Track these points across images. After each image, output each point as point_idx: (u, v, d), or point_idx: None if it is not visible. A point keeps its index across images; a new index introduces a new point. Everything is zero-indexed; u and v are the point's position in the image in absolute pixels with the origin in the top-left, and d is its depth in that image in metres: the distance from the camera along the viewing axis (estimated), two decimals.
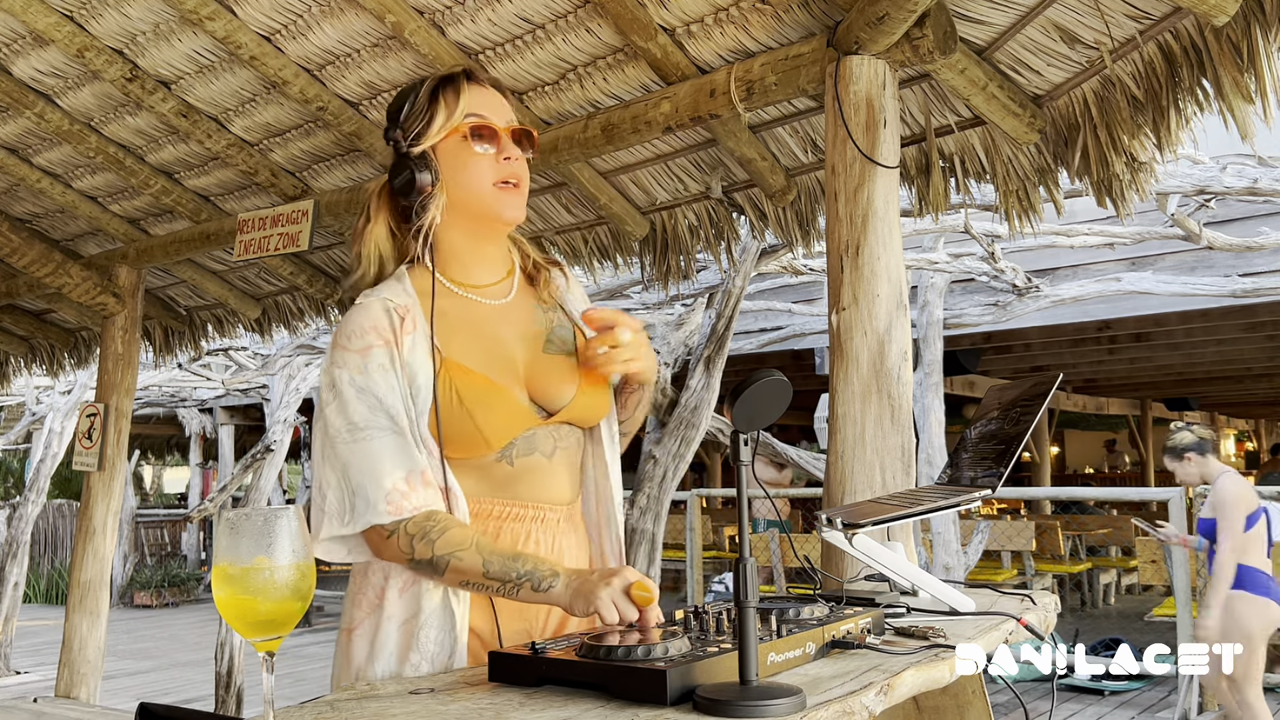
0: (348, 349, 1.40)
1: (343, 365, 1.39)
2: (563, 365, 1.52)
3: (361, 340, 1.40)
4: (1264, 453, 20.75)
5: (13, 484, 16.98)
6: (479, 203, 1.48)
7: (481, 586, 1.34)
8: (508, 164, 1.49)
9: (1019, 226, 2.51)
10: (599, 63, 2.53)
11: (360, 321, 1.42)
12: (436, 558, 1.33)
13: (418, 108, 1.49)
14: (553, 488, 1.49)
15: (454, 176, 1.48)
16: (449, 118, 1.47)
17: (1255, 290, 6.49)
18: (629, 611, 1.25)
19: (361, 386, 1.38)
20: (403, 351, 1.41)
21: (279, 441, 7.25)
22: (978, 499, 1.49)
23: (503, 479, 1.45)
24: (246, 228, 3.40)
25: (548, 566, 1.32)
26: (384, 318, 1.42)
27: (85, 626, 3.98)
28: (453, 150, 1.48)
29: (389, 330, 1.41)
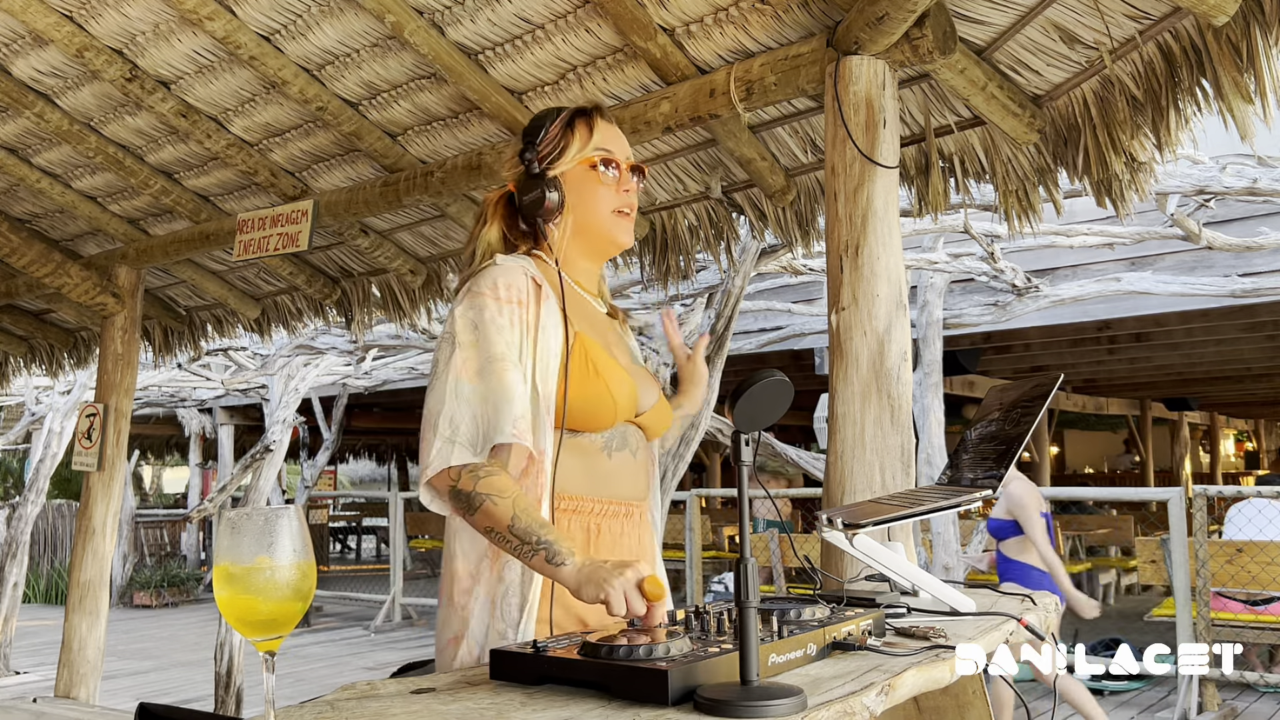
0: (488, 295, 1.48)
1: (483, 308, 1.47)
2: (647, 375, 1.67)
3: (504, 292, 1.48)
4: (1264, 453, 20.76)
5: (12, 484, 16.98)
6: (599, 226, 1.62)
7: (502, 539, 1.37)
8: (626, 195, 1.64)
9: (1018, 226, 2.51)
10: (599, 63, 2.53)
11: (504, 277, 1.50)
12: (475, 493, 1.37)
13: (552, 134, 1.61)
14: (639, 485, 1.60)
15: (579, 201, 1.61)
16: (582, 148, 1.61)
17: (1255, 290, 6.49)
18: (638, 604, 1.26)
19: (501, 326, 1.46)
20: (540, 317, 1.49)
21: (278, 441, 7.25)
22: (978, 499, 1.50)
23: (602, 474, 1.53)
24: (246, 228, 3.40)
25: (568, 545, 1.34)
26: (523, 280, 1.51)
27: (85, 626, 3.98)
28: (580, 178, 1.61)
29: (525, 293, 1.50)
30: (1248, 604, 5.82)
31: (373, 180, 3.21)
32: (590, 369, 1.50)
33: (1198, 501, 5.78)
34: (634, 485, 1.59)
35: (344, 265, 3.94)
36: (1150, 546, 6.45)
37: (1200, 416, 17.96)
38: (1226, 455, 20.30)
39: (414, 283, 3.74)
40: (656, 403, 1.63)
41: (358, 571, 14.91)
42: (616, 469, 1.55)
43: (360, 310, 3.99)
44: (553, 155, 1.60)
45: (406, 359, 9.66)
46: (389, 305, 3.88)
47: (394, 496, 11.34)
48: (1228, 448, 20.72)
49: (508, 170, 1.65)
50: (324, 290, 4.01)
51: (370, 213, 3.28)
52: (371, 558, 17.62)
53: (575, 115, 1.63)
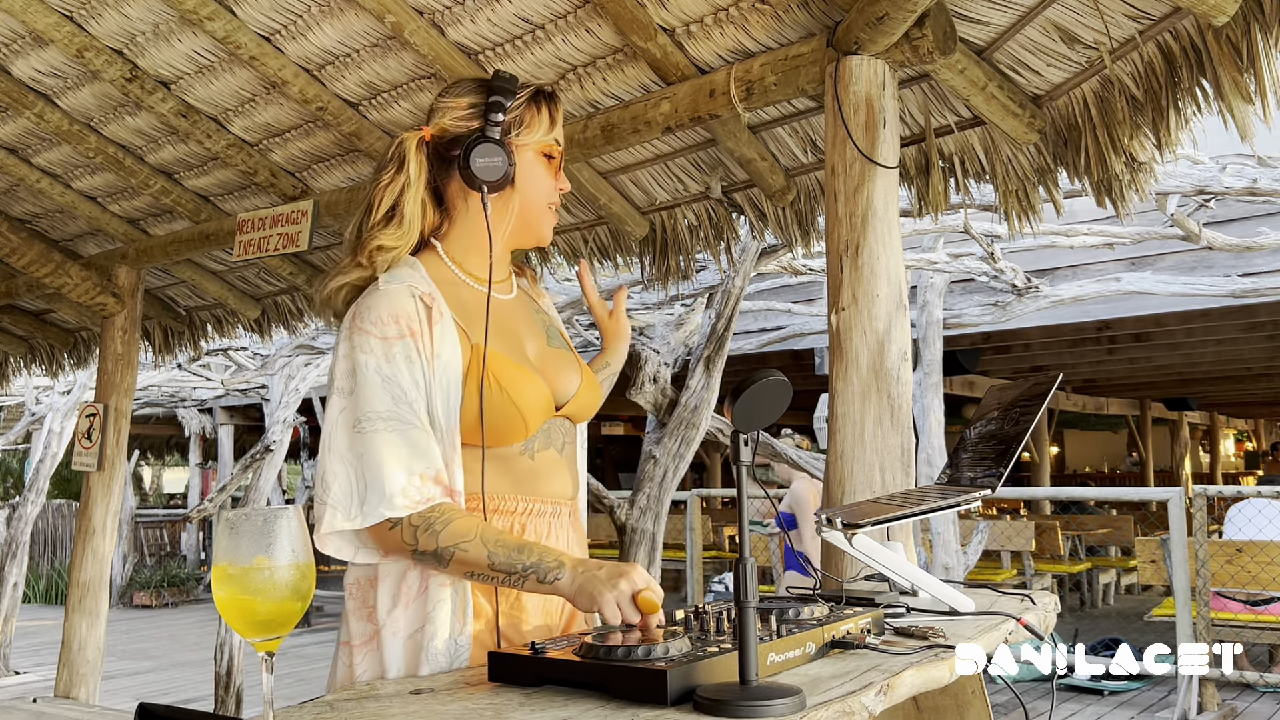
0: (371, 335, 1.35)
1: (367, 351, 1.35)
2: (565, 359, 1.56)
3: (389, 328, 1.36)
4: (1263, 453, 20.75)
5: (12, 484, 16.98)
6: (533, 215, 1.53)
7: (487, 578, 1.32)
8: (559, 192, 1.56)
9: (1018, 226, 2.51)
10: (599, 63, 2.53)
11: (387, 308, 1.37)
12: (441, 549, 1.30)
13: (518, 105, 1.49)
14: (565, 482, 1.52)
15: (523, 185, 1.51)
16: (546, 132, 1.51)
17: (1255, 290, 6.49)
18: (632, 616, 1.24)
19: (387, 375, 1.33)
20: (431, 343, 1.37)
21: (278, 442, 7.25)
22: (977, 499, 1.50)
23: (524, 475, 1.45)
24: (246, 228, 3.40)
25: (553, 557, 1.31)
26: (411, 305, 1.38)
27: (85, 626, 3.98)
28: (530, 161, 1.51)
29: (416, 320, 1.37)
30: (1248, 604, 5.82)
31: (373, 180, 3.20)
32: (494, 387, 1.39)
33: (1198, 501, 5.78)
34: (560, 483, 1.51)
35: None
36: (1150, 546, 6.45)
37: (1200, 416, 17.96)
38: (1226, 455, 20.30)
39: None
40: (580, 387, 1.54)
41: None
42: (540, 468, 1.47)
43: None
44: (516, 126, 1.49)
45: None
46: None
47: None
48: (1228, 448, 20.72)
49: (452, 118, 1.48)
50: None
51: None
52: None
53: (541, 94, 1.53)
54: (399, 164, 1.48)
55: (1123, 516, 10.10)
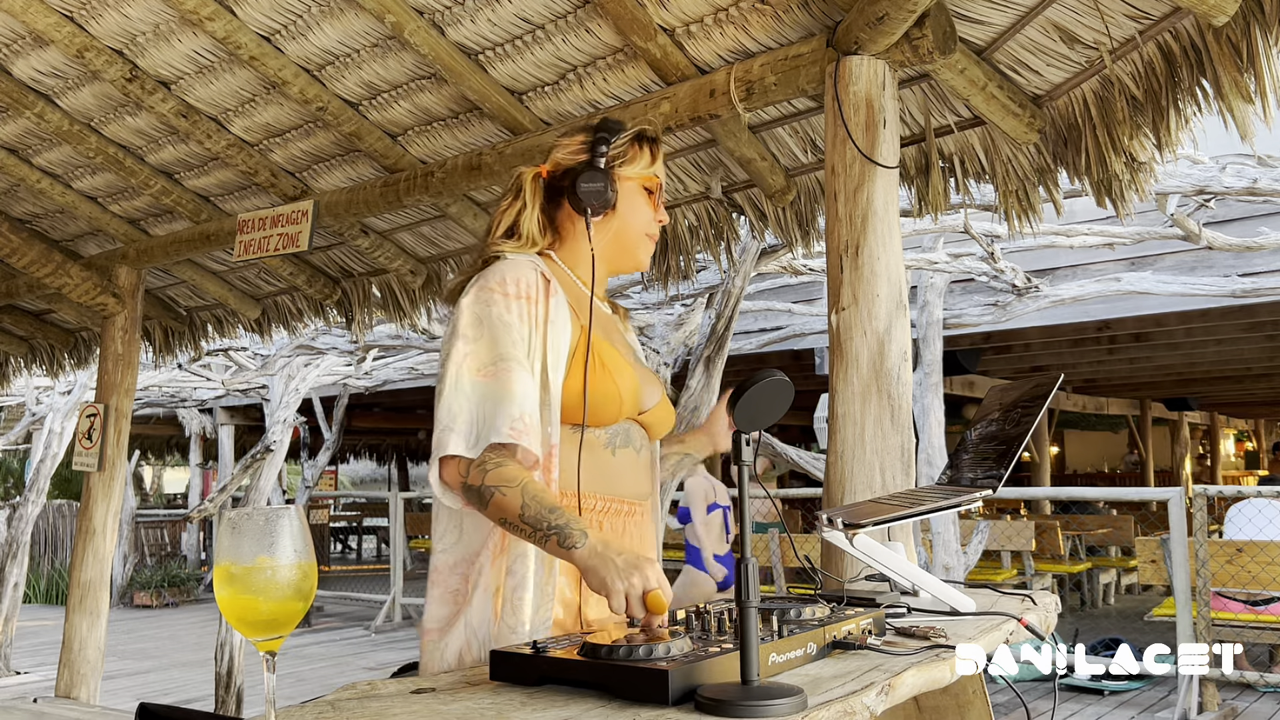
0: (497, 291, 1.49)
1: (491, 304, 1.48)
2: (649, 374, 1.69)
3: (512, 288, 1.49)
4: (1264, 453, 20.75)
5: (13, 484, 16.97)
6: (630, 241, 1.67)
7: (516, 528, 1.38)
8: (658, 223, 1.69)
9: (1018, 226, 2.51)
10: (599, 63, 2.53)
11: (512, 272, 1.51)
12: (485, 486, 1.39)
13: (624, 141, 1.65)
14: (641, 483, 1.63)
15: (623, 211, 1.65)
16: (646, 166, 1.66)
17: (1255, 290, 6.48)
18: (637, 611, 1.26)
19: (508, 323, 1.47)
20: (549, 312, 1.51)
21: (279, 442, 7.25)
22: (978, 499, 1.50)
23: (606, 470, 1.55)
24: (246, 228, 3.40)
25: (579, 526, 1.35)
26: (533, 275, 1.52)
27: (85, 627, 3.98)
28: (631, 192, 1.65)
29: (535, 289, 1.51)
30: (1248, 604, 5.82)
31: (373, 180, 3.21)
32: (597, 363, 1.52)
33: (1198, 501, 5.78)
34: (637, 483, 1.61)
35: (344, 265, 3.94)
36: (1150, 546, 6.44)
37: (1200, 416, 17.95)
38: (1226, 455, 20.29)
39: (414, 283, 3.74)
40: (659, 402, 1.65)
41: (358, 571, 14.92)
42: (620, 466, 1.57)
43: (360, 310, 4.00)
44: (620, 159, 1.64)
45: (407, 359, 9.66)
46: (389, 305, 3.88)
47: (394, 497, 11.32)
48: (1228, 448, 20.71)
49: (565, 153, 1.66)
50: (324, 290, 4.01)
51: (370, 213, 3.28)
52: (372, 558, 17.62)
53: (645, 135, 1.68)
54: (516, 192, 1.65)
55: (1123, 516, 10.09)
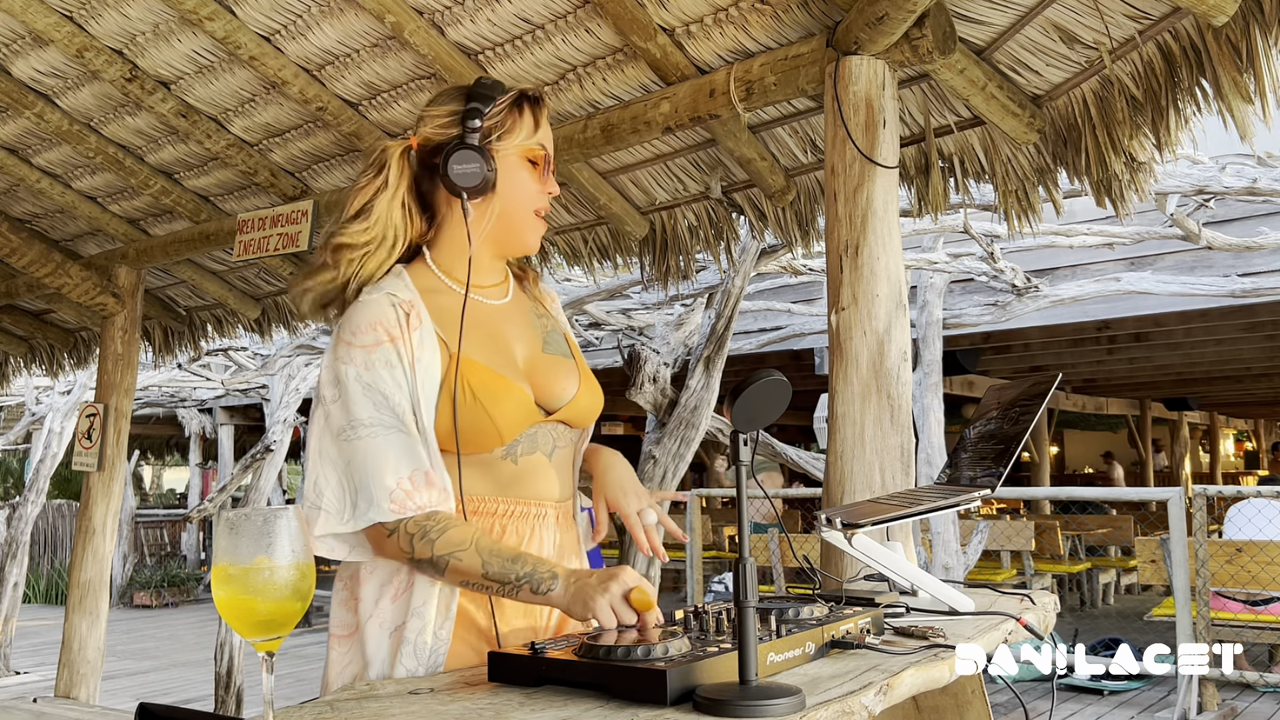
0: (353, 344, 1.38)
1: (348, 361, 1.37)
2: (562, 365, 1.54)
3: (368, 336, 1.38)
4: (1264, 453, 20.74)
5: (12, 484, 16.97)
6: (517, 221, 1.51)
7: (481, 587, 1.33)
8: (547, 196, 1.54)
9: (1018, 226, 2.51)
10: (599, 63, 2.53)
11: (366, 317, 1.39)
12: (437, 557, 1.32)
13: (498, 110, 1.49)
14: (552, 485, 1.50)
15: (505, 190, 1.49)
16: (529, 136, 1.50)
17: (1254, 290, 6.49)
18: (627, 617, 1.24)
19: (368, 383, 1.36)
20: (411, 348, 1.39)
21: (279, 441, 7.25)
22: (977, 499, 1.50)
23: (507, 478, 1.45)
24: (246, 228, 3.40)
25: (546, 568, 1.31)
26: (390, 313, 1.40)
27: (85, 627, 3.98)
28: (512, 166, 1.49)
29: (396, 326, 1.39)
30: (1248, 604, 5.82)
31: None
32: (468, 395, 1.39)
33: (1197, 501, 5.78)
34: (546, 485, 1.49)
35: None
36: (1150, 546, 6.44)
37: (1200, 416, 17.95)
38: (1226, 455, 20.29)
39: None
40: (576, 394, 1.52)
41: None
42: (524, 471, 1.46)
43: None
44: (497, 131, 1.48)
45: None
46: None
47: None
48: (1228, 448, 20.71)
49: (433, 126, 1.49)
50: None
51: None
52: None
53: (525, 97, 1.52)
54: (378, 169, 1.49)
55: (1123, 516, 10.09)
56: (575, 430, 1.56)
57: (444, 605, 1.39)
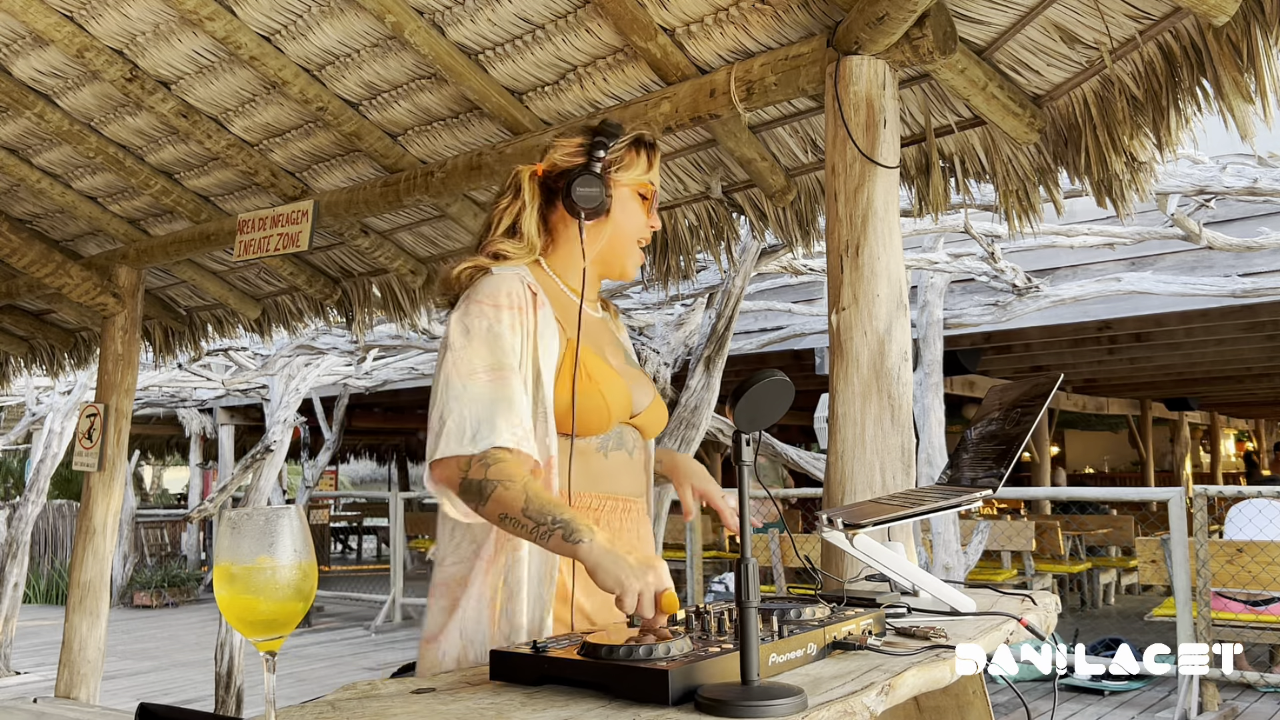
0: (484, 304, 1.50)
1: (480, 316, 1.49)
2: (641, 377, 1.70)
3: (501, 299, 1.50)
4: (1264, 453, 20.74)
5: (13, 484, 16.97)
6: (621, 247, 1.68)
7: (516, 523, 1.36)
8: (650, 229, 1.70)
9: (1019, 226, 2.51)
10: (599, 63, 2.53)
11: (498, 285, 1.52)
12: (486, 480, 1.38)
13: (621, 146, 1.65)
14: (635, 482, 1.64)
15: (617, 217, 1.65)
16: (643, 173, 1.67)
17: (1255, 290, 6.48)
18: (648, 611, 1.25)
19: (497, 334, 1.47)
20: (538, 324, 1.52)
21: (279, 442, 7.25)
22: (978, 499, 1.50)
23: (599, 471, 1.56)
24: (246, 228, 3.40)
25: (587, 524, 1.34)
26: (519, 287, 1.53)
27: (85, 627, 3.98)
28: (625, 198, 1.66)
29: (523, 299, 1.52)
30: (1248, 604, 5.81)
31: (373, 180, 3.21)
32: (585, 375, 1.53)
33: (1198, 501, 5.78)
34: (631, 482, 1.62)
35: (344, 265, 3.94)
36: (1150, 546, 6.44)
37: (1200, 416, 17.95)
38: (1227, 455, 20.29)
39: (414, 283, 3.74)
40: (651, 404, 1.66)
41: (358, 571, 14.91)
42: (613, 467, 1.59)
43: (361, 310, 4.00)
44: (616, 165, 1.64)
45: (407, 359, 9.66)
46: (389, 305, 3.88)
47: (394, 497, 11.32)
48: (1228, 448, 20.71)
49: (562, 154, 1.65)
50: (324, 290, 4.01)
51: (370, 213, 3.28)
52: (372, 558, 17.62)
53: (642, 140, 1.68)
54: (515, 191, 1.65)
55: (1123, 516, 10.09)
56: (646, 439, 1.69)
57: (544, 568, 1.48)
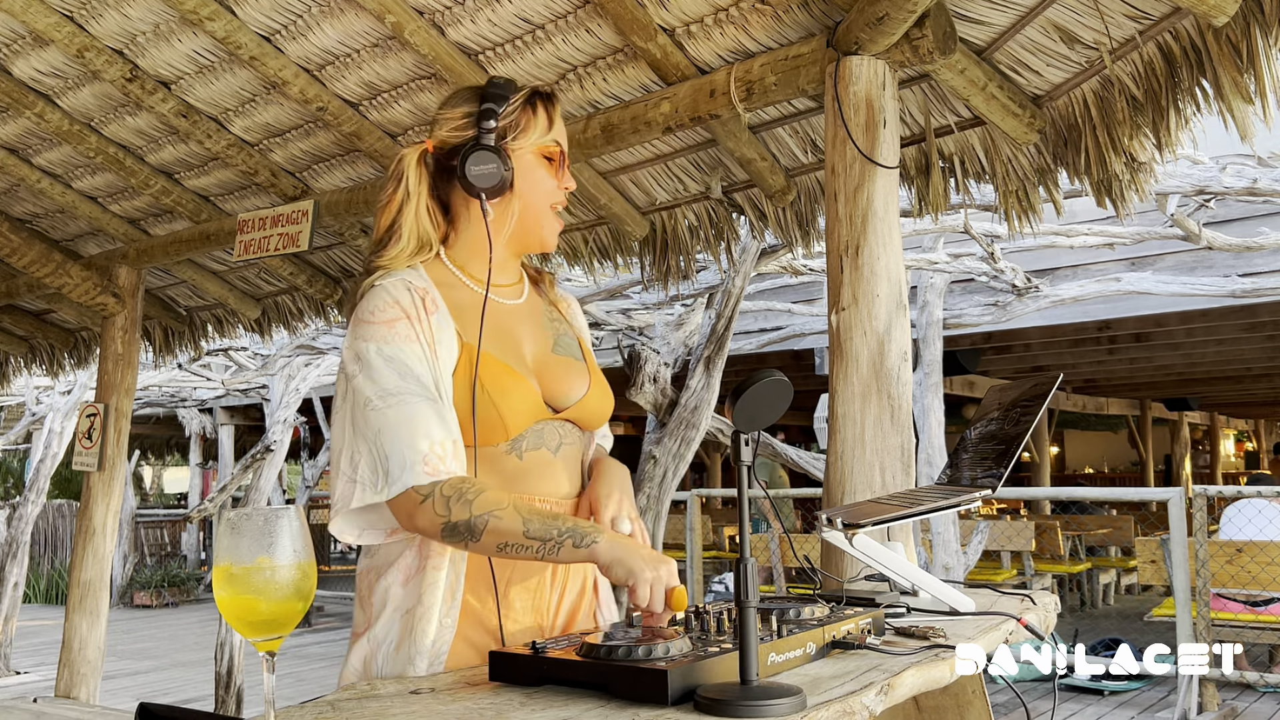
0: (371, 323, 1.39)
1: (368, 338, 1.38)
2: (572, 367, 1.56)
3: (386, 313, 1.40)
4: (1264, 453, 20.75)
5: (13, 484, 16.97)
6: (534, 219, 1.53)
7: (520, 548, 1.30)
8: (564, 191, 1.55)
9: (1018, 227, 2.51)
10: (599, 63, 2.53)
11: (382, 298, 1.41)
12: (475, 518, 1.29)
13: (512, 109, 1.50)
14: (559, 482, 1.50)
15: (523, 189, 1.51)
16: (543, 133, 1.51)
17: (1255, 290, 6.49)
18: (658, 606, 1.24)
19: (390, 355, 1.37)
20: (430, 330, 1.40)
21: (279, 441, 7.25)
22: (978, 499, 1.50)
23: (512, 473, 1.45)
24: (246, 228, 3.40)
25: (588, 524, 1.31)
26: (406, 295, 1.42)
27: (85, 626, 3.98)
28: (529, 164, 1.51)
29: (412, 307, 1.41)
30: (1248, 604, 5.82)
31: (373, 180, 3.21)
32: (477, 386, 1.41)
33: (1198, 502, 5.79)
34: (553, 483, 1.49)
35: (344, 265, 3.94)
36: (1150, 546, 6.45)
37: (1200, 416, 17.95)
38: (1226, 455, 20.29)
39: None
40: (586, 394, 1.53)
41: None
42: (529, 467, 1.46)
43: None
44: (512, 131, 1.49)
45: None
46: None
47: None
48: (1228, 448, 20.71)
49: (448, 129, 1.50)
50: (325, 290, 4.02)
51: (370, 213, 3.28)
52: None
53: (537, 95, 1.53)
54: (397, 180, 1.50)
55: (1123, 516, 10.09)
56: (584, 431, 1.57)
57: (450, 592, 1.40)
